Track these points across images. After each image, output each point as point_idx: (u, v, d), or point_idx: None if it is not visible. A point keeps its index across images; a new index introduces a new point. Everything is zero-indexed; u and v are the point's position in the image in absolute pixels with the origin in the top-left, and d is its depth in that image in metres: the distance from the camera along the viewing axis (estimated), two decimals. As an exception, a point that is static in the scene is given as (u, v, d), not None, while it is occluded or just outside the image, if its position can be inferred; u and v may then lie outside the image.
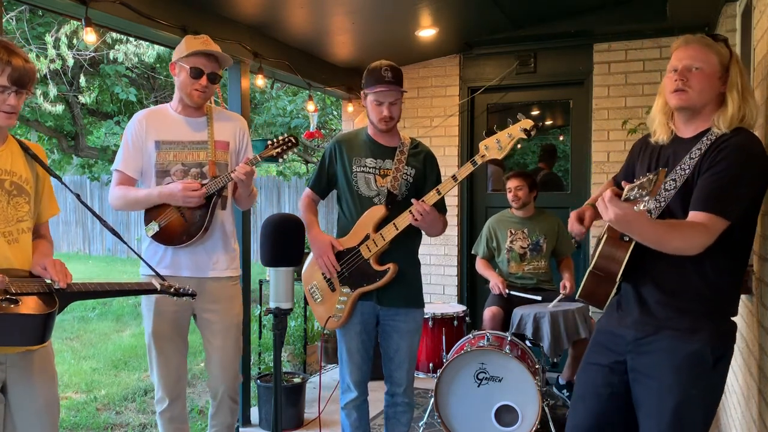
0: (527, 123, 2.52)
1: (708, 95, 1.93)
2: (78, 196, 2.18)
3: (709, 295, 1.93)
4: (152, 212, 2.66)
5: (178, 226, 2.64)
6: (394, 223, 2.66)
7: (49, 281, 1.95)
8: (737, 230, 1.87)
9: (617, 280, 2.00)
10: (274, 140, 2.76)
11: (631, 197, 1.64)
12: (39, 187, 2.10)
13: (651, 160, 2.09)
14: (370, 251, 2.69)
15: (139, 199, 2.68)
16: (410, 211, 2.62)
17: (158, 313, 2.66)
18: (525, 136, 2.51)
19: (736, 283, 1.98)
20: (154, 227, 2.64)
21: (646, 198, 1.57)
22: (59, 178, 2.19)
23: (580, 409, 2.14)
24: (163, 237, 2.65)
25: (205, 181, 2.64)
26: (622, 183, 1.76)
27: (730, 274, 1.95)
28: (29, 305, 1.85)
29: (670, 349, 1.92)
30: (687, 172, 1.92)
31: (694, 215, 1.85)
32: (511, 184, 4.31)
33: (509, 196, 4.32)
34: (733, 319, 1.98)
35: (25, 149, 2.07)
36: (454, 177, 2.63)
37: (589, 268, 2.06)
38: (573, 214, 2.18)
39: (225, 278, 2.76)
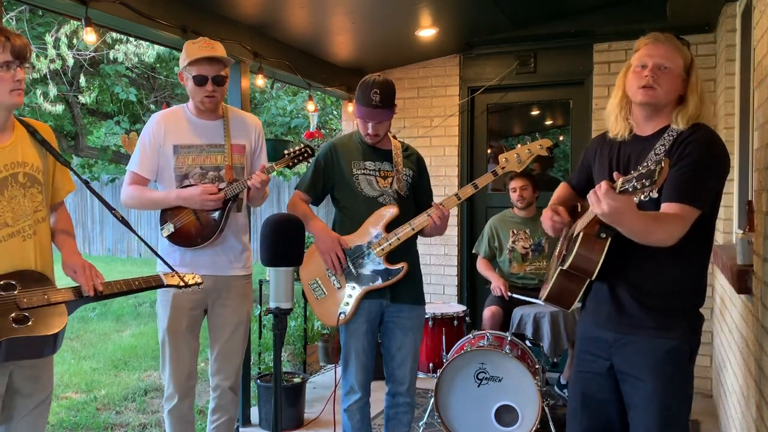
0: (546, 142, 2.73)
1: (672, 95, 2.00)
2: (87, 183, 2.22)
3: (683, 289, 1.99)
4: (168, 213, 2.71)
5: (193, 228, 2.70)
6: (410, 224, 2.70)
7: (76, 285, 2.03)
8: (707, 221, 1.95)
9: (592, 278, 2.01)
10: (291, 151, 2.81)
11: (630, 189, 1.63)
12: (48, 173, 2.11)
13: (611, 158, 2.12)
14: (382, 249, 2.71)
15: (153, 199, 2.74)
16: (428, 214, 2.67)
17: (175, 309, 2.71)
18: (546, 153, 2.74)
19: (705, 274, 2.06)
20: (170, 228, 2.69)
21: (649, 188, 1.57)
22: (68, 165, 2.20)
23: (580, 414, 2.16)
24: (178, 238, 2.70)
25: (222, 185, 2.69)
26: (614, 175, 1.76)
27: (700, 265, 2.03)
28: (40, 319, 1.90)
29: (649, 347, 1.98)
30: None
31: (667, 206, 1.89)
32: (516, 184, 4.30)
33: (514, 196, 4.31)
34: (701, 311, 2.04)
35: (33, 133, 2.07)
36: (474, 185, 2.72)
37: (562, 268, 2.05)
38: (547, 212, 2.21)
39: (240, 276, 2.82)
